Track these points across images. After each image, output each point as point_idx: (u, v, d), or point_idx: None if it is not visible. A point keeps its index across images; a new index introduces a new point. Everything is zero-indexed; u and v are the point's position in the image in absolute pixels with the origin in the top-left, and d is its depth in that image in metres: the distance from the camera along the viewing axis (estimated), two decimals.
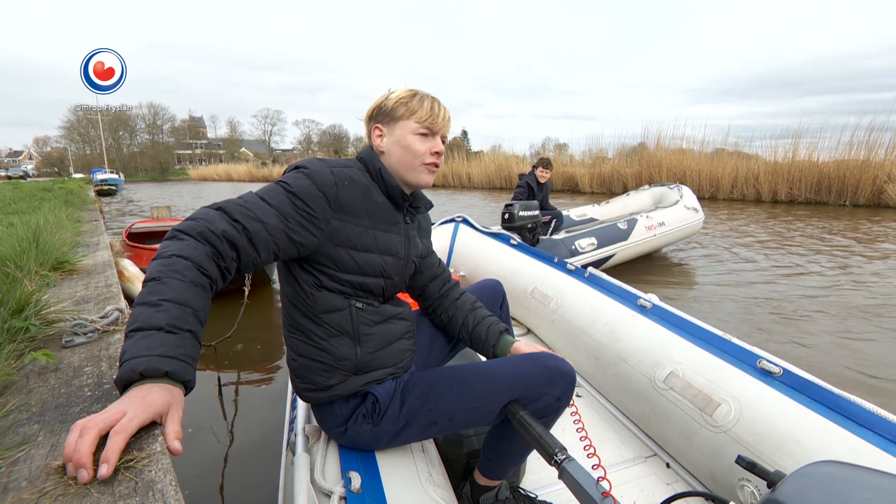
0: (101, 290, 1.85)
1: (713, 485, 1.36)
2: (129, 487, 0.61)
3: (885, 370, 2.63)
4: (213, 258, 0.80)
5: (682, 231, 5.51)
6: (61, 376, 1.02)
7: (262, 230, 0.85)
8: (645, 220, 5.12)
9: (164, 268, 0.74)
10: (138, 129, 58.78)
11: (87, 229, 4.13)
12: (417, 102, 1.03)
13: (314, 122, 71.72)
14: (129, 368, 0.64)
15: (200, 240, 0.79)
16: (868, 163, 10.84)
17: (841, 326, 3.30)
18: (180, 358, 0.68)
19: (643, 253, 5.28)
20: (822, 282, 4.51)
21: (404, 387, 1.06)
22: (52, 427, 0.80)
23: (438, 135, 1.05)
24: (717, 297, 4.13)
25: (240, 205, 0.87)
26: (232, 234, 0.82)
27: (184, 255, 0.76)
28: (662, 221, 5.26)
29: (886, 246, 6.09)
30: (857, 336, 3.13)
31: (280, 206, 0.89)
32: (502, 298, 1.42)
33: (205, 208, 0.86)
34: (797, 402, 1.26)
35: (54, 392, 0.94)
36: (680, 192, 6.02)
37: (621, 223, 4.92)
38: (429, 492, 1.00)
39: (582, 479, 0.84)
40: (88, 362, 1.09)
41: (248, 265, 0.87)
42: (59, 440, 0.75)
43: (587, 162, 17.71)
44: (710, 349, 1.53)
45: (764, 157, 13.08)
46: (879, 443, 1.09)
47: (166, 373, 0.66)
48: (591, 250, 4.48)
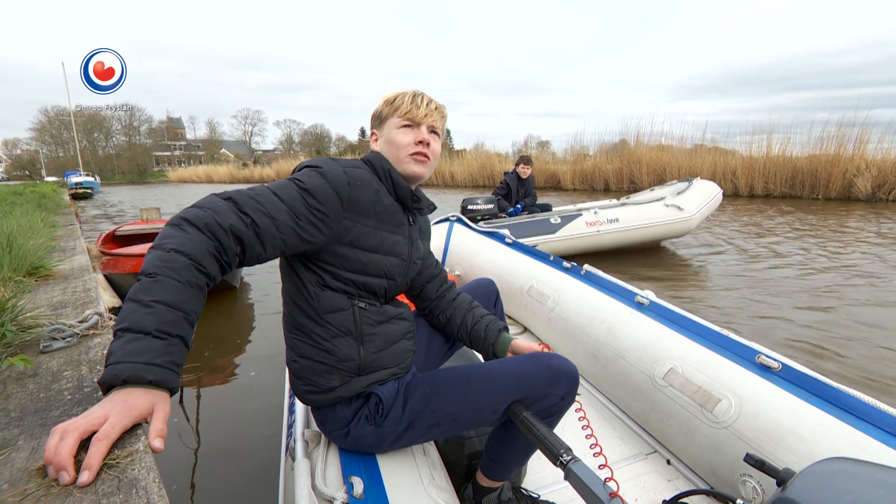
0: (79, 295, 1.81)
1: (714, 481, 1.36)
2: (112, 486, 0.61)
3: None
4: (215, 253, 0.77)
5: (652, 229, 5.30)
6: (40, 381, 1.01)
7: (271, 226, 0.83)
8: (589, 216, 5.15)
9: (161, 263, 0.71)
10: (114, 130, 57.33)
11: (63, 234, 4.05)
12: (400, 99, 1.06)
13: (295, 122, 71.15)
14: (114, 374, 0.64)
15: (205, 232, 0.76)
16: (838, 157, 11.17)
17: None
18: (165, 366, 0.66)
19: (587, 249, 5.24)
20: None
21: (407, 388, 1.05)
22: (33, 431, 0.79)
23: (423, 125, 1.05)
24: (729, 289, 4.15)
25: (251, 197, 0.84)
26: (239, 228, 0.79)
27: (184, 250, 0.73)
28: (616, 218, 5.19)
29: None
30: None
31: (292, 202, 0.87)
32: (496, 297, 1.43)
33: (213, 196, 0.83)
34: (797, 397, 1.26)
35: (33, 397, 0.93)
36: (676, 188, 5.89)
37: (555, 218, 5.08)
38: (431, 495, 0.99)
39: (589, 480, 0.83)
40: (68, 367, 1.09)
41: (251, 260, 0.85)
42: (39, 444, 0.75)
43: (569, 159, 17.84)
44: (709, 345, 1.53)
45: (741, 153, 13.35)
46: (879, 435, 1.10)
47: (150, 381, 0.65)
48: None
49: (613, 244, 5.34)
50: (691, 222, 5.37)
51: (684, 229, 5.47)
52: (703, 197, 5.60)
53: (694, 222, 5.41)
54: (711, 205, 5.71)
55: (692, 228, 5.50)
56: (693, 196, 5.55)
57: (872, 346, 2.82)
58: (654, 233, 5.40)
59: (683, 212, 5.30)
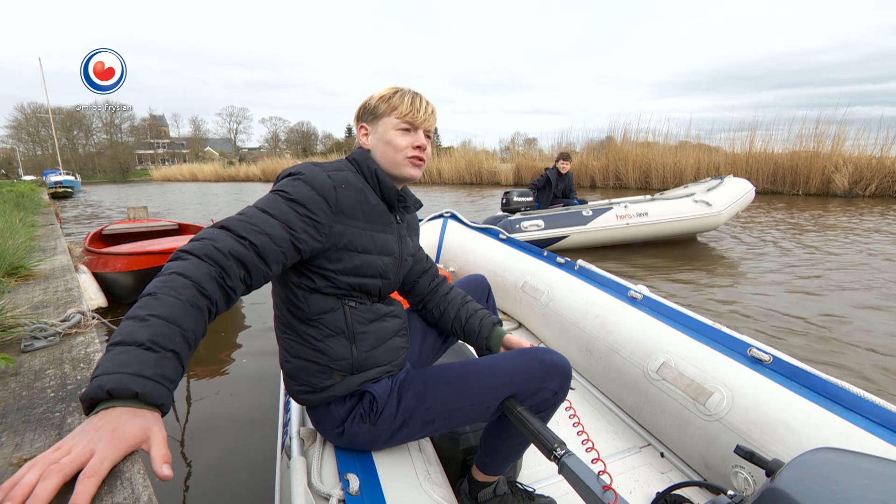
0: (60, 295, 1.77)
1: (707, 472, 1.38)
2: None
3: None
4: (217, 278, 0.76)
5: (679, 224, 5.51)
6: (22, 380, 0.99)
7: (268, 242, 0.83)
8: (619, 210, 5.45)
9: (161, 283, 0.70)
10: (95, 128, 56.09)
11: (43, 234, 3.96)
12: (398, 98, 1.04)
13: (281, 120, 70.06)
14: (98, 385, 0.58)
15: (206, 259, 0.76)
16: (817, 154, 11.49)
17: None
18: (155, 379, 0.60)
19: (617, 240, 5.54)
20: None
21: (400, 385, 1.06)
22: (16, 427, 0.79)
23: (420, 129, 1.06)
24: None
25: (242, 220, 0.84)
26: (239, 252, 0.80)
27: (184, 273, 0.72)
28: (645, 212, 5.45)
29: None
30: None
31: (283, 215, 0.87)
32: (488, 293, 1.44)
33: (208, 228, 0.84)
34: (787, 389, 1.28)
35: (15, 395, 0.92)
36: (707, 185, 5.99)
37: (587, 210, 5.44)
38: (427, 491, 0.99)
39: (582, 474, 0.84)
40: (50, 365, 1.07)
41: (259, 281, 0.84)
42: (23, 439, 0.75)
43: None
44: (702, 339, 1.54)
45: (725, 149, 13.60)
46: (866, 426, 1.12)
47: (136, 394, 0.58)
48: (535, 230, 5.32)
49: (642, 237, 5.63)
50: (719, 218, 5.52)
51: (712, 224, 5.62)
52: (733, 194, 5.76)
53: (722, 218, 5.54)
54: (742, 201, 5.88)
55: (720, 224, 5.64)
56: (723, 193, 5.72)
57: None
58: (682, 227, 5.60)
59: (712, 208, 5.46)
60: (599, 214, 5.42)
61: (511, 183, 18.02)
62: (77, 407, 0.87)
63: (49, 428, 0.79)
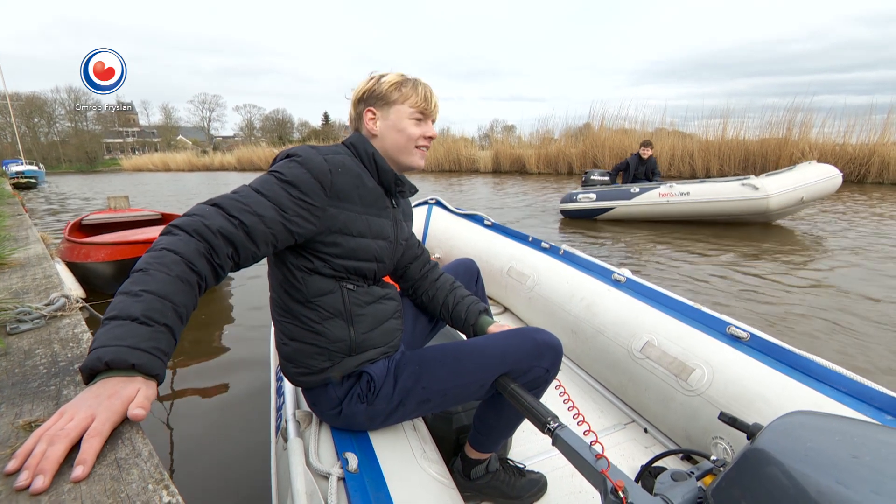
0: (39, 282, 1.73)
1: (689, 445, 1.44)
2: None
3: None
4: (206, 255, 0.78)
5: (719, 205, 5.62)
6: (13, 359, 1.00)
7: (259, 223, 0.84)
8: (664, 188, 5.92)
9: (152, 259, 0.72)
10: (57, 115, 53.59)
11: (12, 224, 3.80)
12: (411, 88, 1.05)
13: (256, 108, 67.85)
14: (96, 357, 0.63)
15: (195, 236, 0.78)
16: (786, 141, 11.91)
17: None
18: (150, 351, 0.65)
19: (657, 216, 6.02)
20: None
21: (397, 366, 1.07)
22: (13, 400, 0.80)
23: (430, 119, 1.09)
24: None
25: (235, 199, 0.85)
26: (228, 230, 0.81)
27: (174, 249, 0.74)
28: (687, 192, 5.77)
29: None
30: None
31: (276, 197, 0.87)
32: (477, 276, 1.47)
33: (200, 204, 0.85)
34: (763, 364, 1.35)
35: (8, 372, 0.93)
36: (775, 172, 5.93)
37: (635, 188, 6.18)
38: (424, 467, 1.01)
39: (575, 444, 0.87)
40: (39, 345, 1.08)
41: (247, 260, 0.86)
42: (22, 409, 0.76)
43: (535, 143, 17.92)
44: (683, 318, 1.60)
45: (699, 136, 13.95)
46: (835, 395, 1.20)
47: (133, 365, 0.63)
48: (587, 202, 6.47)
49: (681, 215, 5.94)
50: (766, 202, 5.39)
51: (757, 208, 5.50)
52: (794, 179, 5.52)
53: (770, 203, 5.39)
54: (810, 188, 5.52)
55: (768, 209, 5.47)
56: (781, 178, 5.57)
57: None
58: (722, 208, 5.71)
59: (758, 191, 5.41)
60: (645, 192, 6.04)
61: (489, 170, 18.03)
62: (72, 380, 0.87)
63: (46, 399, 0.80)
